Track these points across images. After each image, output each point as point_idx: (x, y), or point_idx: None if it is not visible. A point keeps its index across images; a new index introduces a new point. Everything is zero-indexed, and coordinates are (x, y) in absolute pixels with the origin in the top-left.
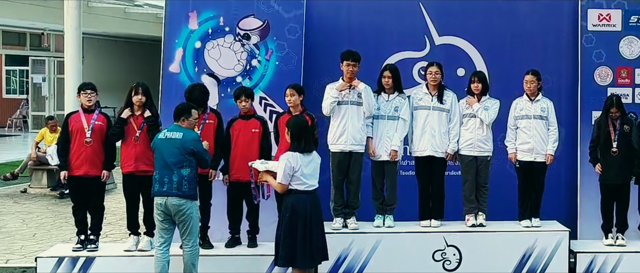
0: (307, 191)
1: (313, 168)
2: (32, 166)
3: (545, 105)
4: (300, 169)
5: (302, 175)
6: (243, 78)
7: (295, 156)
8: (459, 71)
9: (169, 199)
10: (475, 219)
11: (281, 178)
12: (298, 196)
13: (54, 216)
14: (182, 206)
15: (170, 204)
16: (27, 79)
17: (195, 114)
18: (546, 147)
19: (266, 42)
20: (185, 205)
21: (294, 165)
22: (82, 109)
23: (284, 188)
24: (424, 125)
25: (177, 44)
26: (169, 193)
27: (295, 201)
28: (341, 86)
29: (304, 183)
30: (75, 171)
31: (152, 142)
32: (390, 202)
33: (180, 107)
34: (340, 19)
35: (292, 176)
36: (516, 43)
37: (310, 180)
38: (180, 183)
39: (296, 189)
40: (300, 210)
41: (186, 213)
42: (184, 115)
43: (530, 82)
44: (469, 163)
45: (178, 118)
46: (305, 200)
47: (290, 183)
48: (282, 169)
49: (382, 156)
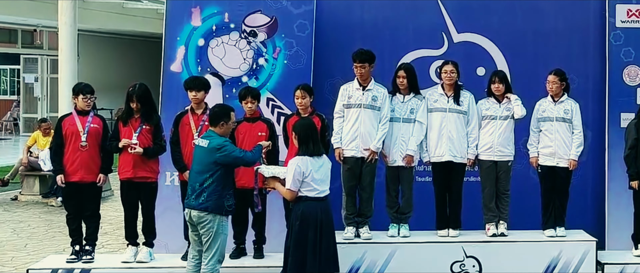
0: (318, 197)
1: (324, 173)
2: (24, 172)
3: (569, 107)
4: (310, 174)
5: (313, 180)
6: (249, 78)
7: (305, 161)
8: (479, 70)
9: (191, 211)
10: (496, 228)
11: (290, 184)
12: (308, 204)
13: (47, 226)
14: (202, 219)
15: (192, 215)
16: (19, 79)
17: (233, 117)
18: (569, 151)
19: (274, 39)
20: (206, 218)
21: (304, 170)
22: (77, 112)
23: (293, 195)
24: (440, 128)
25: (179, 41)
26: (190, 204)
27: (305, 208)
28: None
29: (314, 189)
30: (69, 178)
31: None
32: (405, 210)
33: (218, 110)
34: (353, 15)
35: (302, 182)
36: (539, 41)
37: (321, 185)
38: (199, 195)
39: (306, 196)
40: (311, 218)
41: (206, 226)
42: (223, 120)
43: (552, 82)
44: (488, 168)
45: (216, 122)
46: (316, 207)
47: (299, 190)
48: (291, 175)
49: (397, 162)
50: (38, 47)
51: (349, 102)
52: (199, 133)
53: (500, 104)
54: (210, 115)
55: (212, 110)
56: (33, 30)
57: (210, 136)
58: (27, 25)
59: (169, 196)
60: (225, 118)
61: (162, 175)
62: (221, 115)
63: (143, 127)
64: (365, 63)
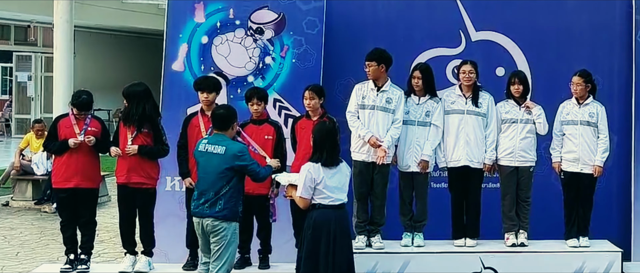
0: (333, 205)
1: (339, 180)
2: (16, 176)
3: (595, 110)
4: (322, 181)
5: (326, 187)
6: (255, 77)
7: (317, 167)
8: (498, 70)
9: (203, 220)
10: (516, 238)
11: (302, 191)
12: (322, 212)
13: (40, 233)
14: (217, 227)
15: (205, 224)
16: (11, 78)
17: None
18: (594, 157)
19: (281, 37)
20: (221, 226)
21: (314, 177)
22: (73, 114)
23: (306, 203)
24: (457, 131)
25: (181, 39)
26: (203, 213)
27: (318, 216)
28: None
29: (328, 197)
30: (64, 184)
31: (194, 153)
32: (420, 218)
33: (225, 112)
34: (365, 12)
35: (314, 189)
36: (562, 39)
37: (336, 193)
38: (214, 203)
39: (320, 203)
40: (324, 227)
41: (220, 234)
42: (233, 121)
43: (577, 84)
44: (509, 174)
45: (227, 125)
46: (330, 215)
47: (313, 197)
48: (302, 182)
49: (411, 167)
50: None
51: (363, 102)
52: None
53: (521, 107)
54: (218, 118)
55: (218, 113)
56: (27, 26)
57: (222, 141)
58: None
59: (170, 203)
60: (235, 119)
61: (162, 179)
62: (231, 117)
63: (141, 129)
64: (372, 62)
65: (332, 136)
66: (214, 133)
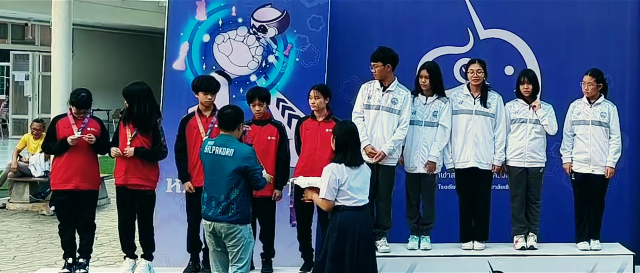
0: (357, 207)
1: (362, 181)
2: (13, 178)
3: (606, 110)
4: (347, 182)
5: (350, 188)
6: (258, 77)
7: (341, 168)
8: (507, 69)
9: (216, 223)
10: (525, 241)
11: (325, 193)
12: (346, 214)
13: (37, 236)
14: (232, 230)
15: (218, 228)
16: (8, 77)
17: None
18: (606, 158)
19: (285, 35)
20: (236, 228)
21: (339, 178)
22: (72, 114)
23: (329, 205)
24: (465, 132)
25: (182, 37)
26: (215, 217)
27: (343, 219)
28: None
29: (352, 198)
30: (63, 185)
31: (200, 153)
32: (426, 221)
33: (232, 112)
34: (371, 9)
35: (338, 190)
36: (573, 38)
37: (359, 194)
38: (227, 208)
39: (343, 205)
40: (349, 230)
41: (237, 236)
42: (240, 121)
43: (588, 83)
44: (518, 175)
45: (234, 125)
46: (355, 217)
47: (336, 199)
48: (326, 183)
49: (417, 168)
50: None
51: (369, 102)
52: (209, 136)
53: (529, 107)
54: (225, 118)
55: (225, 112)
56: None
57: (230, 142)
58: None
59: (170, 205)
60: (242, 119)
61: (162, 181)
62: (238, 116)
63: (141, 130)
64: (378, 62)
65: (355, 135)
66: (220, 134)
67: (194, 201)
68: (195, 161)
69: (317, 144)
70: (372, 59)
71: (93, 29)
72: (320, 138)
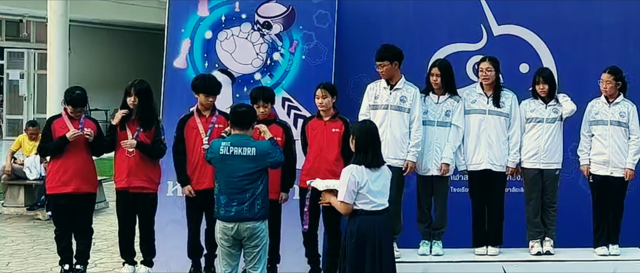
0: (376, 211)
1: (383, 184)
2: (7, 181)
3: (626, 109)
4: (366, 185)
5: (369, 191)
6: (262, 75)
7: (361, 170)
8: (522, 67)
9: (241, 224)
10: (541, 246)
11: (344, 196)
12: (365, 218)
13: (32, 242)
14: (256, 230)
15: (242, 229)
16: (2, 76)
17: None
18: (625, 159)
19: (291, 32)
20: (260, 228)
21: (358, 180)
22: (67, 114)
23: (348, 209)
24: (479, 133)
25: (184, 34)
26: (241, 216)
27: (362, 223)
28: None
29: (371, 202)
30: (61, 189)
31: (210, 157)
32: (438, 225)
33: (246, 110)
34: (380, 4)
35: (357, 193)
36: (591, 35)
37: (378, 197)
38: (252, 204)
39: (362, 209)
40: (369, 234)
41: (260, 236)
42: (255, 118)
43: (606, 82)
44: (533, 177)
45: (249, 124)
46: (374, 221)
47: (355, 203)
48: (345, 186)
49: (431, 170)
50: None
51: (376, 102)
52: (209, 137)
53: (547, 105)
54: (240, 116)
55: (240, 111)
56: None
57: (248, 142)
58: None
59: (171, 209)
60: (256, 117)
61: (163, 184)
62: (253, 115)
63: (140, 130)
64: (384, 62)
65: (376, 134)
66: (234, 133)
67: (194, 205)
68: (196, 163)
69: (323, 144)
70: (377, 59)
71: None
72: (326, 138)
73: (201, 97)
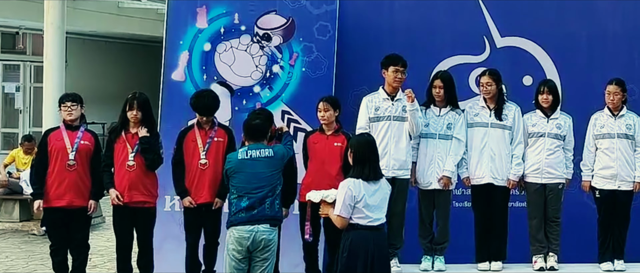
0: (371, 226)
1: (380, 198)
2: (1, 195)
3: (631, 121)
4: (363, 199)
5: (366, 206)
6: (262, 88)
7: (358, 184)
8: (526, 79)
9: (259, 230)
10: (545, 261)
11: (340, 210)
12: (360, 233)
13: (27, 257)
14: (270, 242)
15: (259, 235)
16: None
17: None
18: (633, 173)
19: (291, 43)
20: (274, 239)
21: (355, 194)
22: (65, 125)
23: (344, 223)
24: (481, 146)
25: (182, 46)
26: (262, 216)
27: (355, 238)
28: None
29: (367, 217)
30: (55, 202)
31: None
32: (441, 240)
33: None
34: (382, 17)
35: (353, 207)
36: (595, 46)
37: (375, 212)
38: (272, 204)
39: (358, 224)
40: (361, 250)
41: (271, 243)
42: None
43: (613, 94)
44: (536, 192)
45: (262, 136)
46: (368, 237)
47: (351, 217)
48: (341, 199)
49: (432, 184)
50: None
51: (377, 115)
52: (207, 151)
53: (549, 119)
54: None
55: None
56: (15, 32)
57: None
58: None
59: (169, 224)
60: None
61: (160, 199)
62: (267, 126)
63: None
64: (406, 68)
65: (374, 148)
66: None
67: (192, 219)
68: (193, 176)
69: (325, 158)
70: (401, 64)
71: (88, 38)
72: (328, 152)
73: (198, 115)
